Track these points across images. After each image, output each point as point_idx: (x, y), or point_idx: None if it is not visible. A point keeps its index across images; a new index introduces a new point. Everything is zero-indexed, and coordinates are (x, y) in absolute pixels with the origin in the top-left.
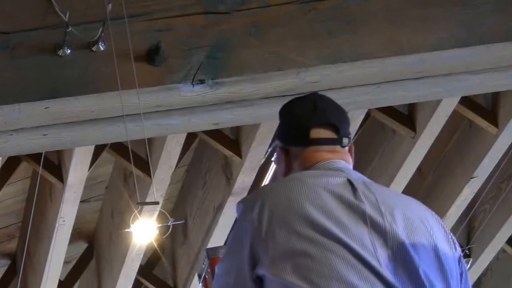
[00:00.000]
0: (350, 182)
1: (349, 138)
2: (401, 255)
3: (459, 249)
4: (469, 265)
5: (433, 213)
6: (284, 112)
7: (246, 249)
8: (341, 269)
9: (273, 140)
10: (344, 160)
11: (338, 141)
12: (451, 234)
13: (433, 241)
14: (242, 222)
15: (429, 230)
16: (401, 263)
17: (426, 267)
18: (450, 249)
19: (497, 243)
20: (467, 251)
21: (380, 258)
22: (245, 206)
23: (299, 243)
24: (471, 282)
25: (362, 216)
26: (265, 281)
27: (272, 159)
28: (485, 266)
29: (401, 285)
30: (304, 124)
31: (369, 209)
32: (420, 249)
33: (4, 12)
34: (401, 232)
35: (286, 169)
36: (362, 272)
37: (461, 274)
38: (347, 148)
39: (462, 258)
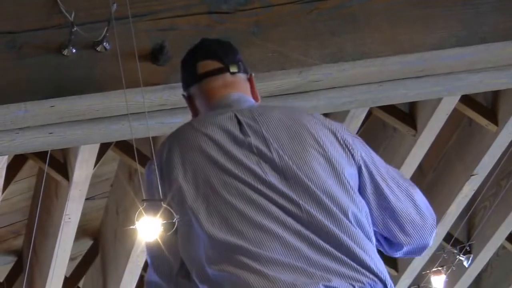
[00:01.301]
0: (236, 117)
1: (239, 65)
2: (293, 176)
3: (356, 150)
4: (469, 261)
5: (326, 122)
6: (180, 63)
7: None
8: (234, 201)
9: None
10: (240, 91)
11: (225, 69)
12: (346, 136)
13: (323, 150)
14: (148, 178)
15: (319, 141)
16: (294, 184)
17: (320, 181)
18: (345, 154)
19: (497, 239)
20: (467, 248)
21: (272, 182)
22: (149, 164)
23: (201, 177)
24: (471, 279)
25: (249, 148)
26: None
27: None
28: (485, 263)
29: (298, 202)
30: (190, 62)
31: (254, 141)
32: (310, 165)
33: (10, 12)
34: (289, 154)
35: (193, 113)
36: (255, 200)
37: (369, 172)
38: (243, 76)
39: (363, 157)
